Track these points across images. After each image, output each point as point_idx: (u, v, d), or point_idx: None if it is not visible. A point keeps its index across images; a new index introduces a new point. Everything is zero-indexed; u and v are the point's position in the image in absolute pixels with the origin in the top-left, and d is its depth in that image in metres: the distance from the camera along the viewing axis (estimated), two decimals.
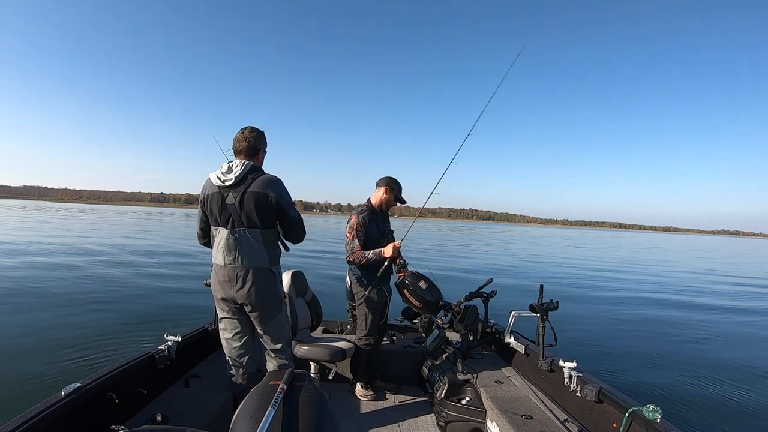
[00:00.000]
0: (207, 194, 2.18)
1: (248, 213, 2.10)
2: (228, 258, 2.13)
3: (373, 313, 3.07)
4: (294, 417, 1.37)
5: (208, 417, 2.05)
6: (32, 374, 4.20)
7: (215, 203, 2.14)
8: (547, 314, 2.61)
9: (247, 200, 2.09)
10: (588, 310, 8.83)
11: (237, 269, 2.13)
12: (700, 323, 8.14)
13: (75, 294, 7.85)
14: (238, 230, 2.12)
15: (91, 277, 9.84)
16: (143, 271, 11.10)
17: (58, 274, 9.94)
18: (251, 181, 2.12)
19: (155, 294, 8.33)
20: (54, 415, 1.56)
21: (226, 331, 2.28)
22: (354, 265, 3.03)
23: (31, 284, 8.50)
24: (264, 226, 2.15)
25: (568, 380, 2.31)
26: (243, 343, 2.28)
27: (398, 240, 3.01)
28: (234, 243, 2.12)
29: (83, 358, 4.68)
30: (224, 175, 2.13)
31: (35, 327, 5.71)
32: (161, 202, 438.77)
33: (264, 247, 2.17)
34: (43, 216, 41.50)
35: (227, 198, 2.12)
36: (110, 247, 16.42)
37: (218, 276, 2.18)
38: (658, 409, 1.75)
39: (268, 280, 2.19)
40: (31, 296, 7.52)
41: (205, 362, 2.79)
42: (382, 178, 3.18)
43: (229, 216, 2.12)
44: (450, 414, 2.58)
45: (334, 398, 3.06)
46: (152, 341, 2.48)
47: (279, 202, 2.15)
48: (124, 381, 1.99)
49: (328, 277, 10.70)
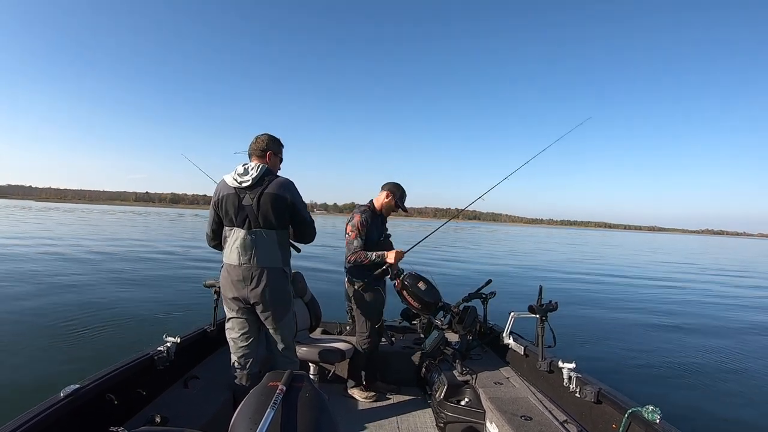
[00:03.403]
0: (222, 195, 2.22)
1: (265, 214, 2.17)
2: (243, 258, 2.18)
3: (373, 315, 3.07)
4: (293, 418, 1.37)
5: (207, 418, 2.04)
6: (30, 375, 4.19)
7: (231, 204, 2.19)
8: (546, 315, 2.61)
9: (264, 201, 2.16)
10: (587, 311, 8.84)
11: (252, 269, 2.18)
12: (700, 323, 8.15)
13: (73, 294, 7.83)
14: (254, 230, 2.18)
15: (89, 277, 9.82)
16: (141, 272, 11.07)
17: (57, 273, 9.92)
18: (268, 183, 2.19)
19: (153, 295, 8.31)
20: (53, 416, 1.56)
21: (233, 331, 2.29)
22: (353, 266, 3.03)
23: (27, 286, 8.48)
24: (279, 227, 2.23)
25: (567, 381, 2.31)
26: (249, 343, 2.30)
27: (402, 249, 3.04)
28: (251, 243, 2.18)
29: (82, 360, 4.67)
30: (240, 177, 2.18)
31: (33, 328, 5.69)
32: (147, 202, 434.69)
33: (279, 248, 2.25)
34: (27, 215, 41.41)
35: (244, 199, 2.17)
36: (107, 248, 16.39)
37: (231, 275, 2.21)
38: (657, 409, 1.75)
39: (281, 280, 2.25)
40: (27, 298, 7.50)
41: (204, 363, 2.79)
42: (387, 183, 3.21)
43: (246, 216, 2.18)
44: (449, 415, 2.58)
45: (333, 399, 3.06)
46: (151, 343, 2.48)
47: (294, 204, 2.23)
48: (123, 382, 1.98)
49: (327, 279, 10.70)
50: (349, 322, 3.73)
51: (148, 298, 7.97)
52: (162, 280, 10.12)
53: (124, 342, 5.31)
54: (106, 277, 10.00)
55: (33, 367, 4.39)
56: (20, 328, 5.68)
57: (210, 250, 2.50)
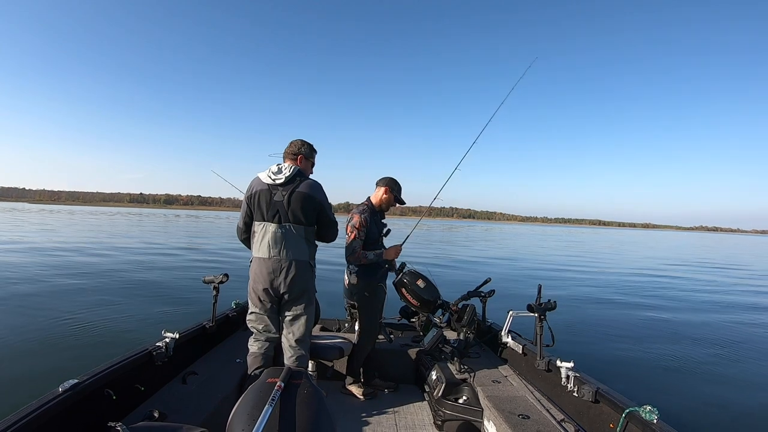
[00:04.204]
0: (255, 191, 2.38)
1: (295, 210, 2.33)
2: (273, 251, 2.32)
3: (373, 312, 3.07)
4: (291, 414, 1.38)
5: (205, 414, 2.05)
6: (29, 371, 4.19)
7: (264, 199, 2.35)
8: (544, 314, 2.61)
9: (295, 199, 2.32)
10: (586, 310, 8.84)
11: (282, 261, 2.32)
12: (699, 323, 8.16)
13: (72, 291, 7.84)
14: (284, 225, 2.33)
15: (87, 274, 9.82)
16: (140, 269, 11.08)
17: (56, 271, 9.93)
18: (299, 182, 2.37)
19: (152, 291, 8.32)
20: (51, 411, 1.56)
21: (257, 323, 2.45)
22: (353, 264, 3.02)
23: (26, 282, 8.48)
24: (307, 223, 2.38)
25: (565, 380, 2.32)
26: (269, 336, 2.45)
27: (399, 243, 3.07)
28: (281, 237, 2.33)
29: (80, 355, 4.68)
30: (275, 175, 2.36)
31: (31, 323, 5.70)
32: (141, 203, 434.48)
33: (306, 243, 2.39)
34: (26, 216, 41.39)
35: (275, 195, 2.34)
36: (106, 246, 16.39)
37: (261, 268, 2.34)
38: (654, 409, 1.76)
39: (307, 272, 2.40)
40: (26, 294, 7.50)
41: (203, 359, 2.79)
42: (382, 178, 3.18)
43: (276, 212, 2.33)
44: (447, 413, 2.58)
45: (331, 396, 3.06)
46: (150, 338, 2.48)
47: (322, 204, 2.41)
48: (122, 377, 1.98)
49: (326, 275, 10.70)
50: (348, 319, 3.74)
51: (147, 294, 7.98)
52: (161, 276, 10.13)
53: (122, 337, 5.31)
54: (106, 274, 10.02)
55: (31, 363, 4.39)
56: (18, 323, 5.69)
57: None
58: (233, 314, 3.41)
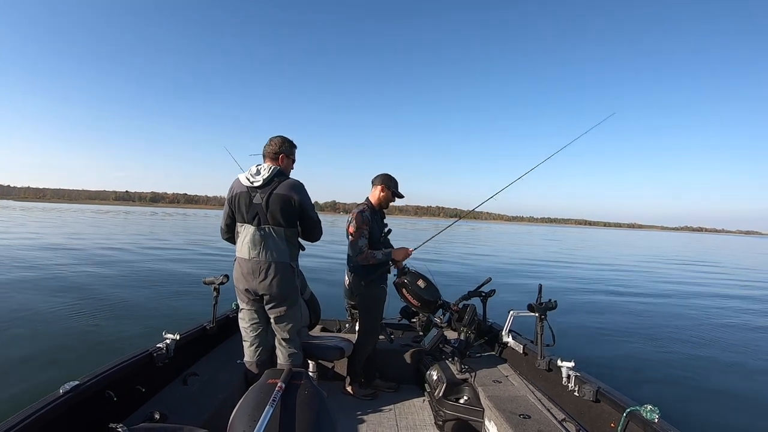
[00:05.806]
0: (235, 193, 2.37)
1: (273, 212, 2.30)
2: (253, 252, 2.31)
3: (373, 312, 3.07)
4: (292, 415, 1.38)
5: (206, 415, 2.05)
6: (30, 372, 4.20)
7: (243, 201, 2.33)
8: (545, 314, 2.61)
9: (273, 201, 2.30)
10: (586, 310, 8.85)
11: (261, 263, 2.31)
12: (699, 322, 8.16)
13: (72, 292, 7.84)
14: (263, 227, 2.32)
15: (87, 274, 9.82)
16: (140, 269, 11.08)
17: (55, 270, 9.92)
18: (277, 183, 2.33)
19: (153, 292, 8.32)
20: (52, 413, 1.56)
21: (244, 321, 2.47)
22: (358, 264, 3.00)
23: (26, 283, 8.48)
24: (287, 225, 2.36)
25: (566, 380, 2.31)
26: (258, 333, 2.47)
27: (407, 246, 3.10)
28: (260, 239, 2.31)
29: (81, 357, 4.68)
30: (253, 177, 2.33)
31: (33, 325, 5.70)
32: (126, 201, 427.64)
33: (286, 244, 2.37)
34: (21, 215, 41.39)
35: (254, 198, 2.32)
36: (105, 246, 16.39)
37: (242, 269, 2.35)
38: (656, 409, 1.76)
39: (287, 274, 2.38)
40: (26, 295, 7.50)
41: (204, 360, 2.79)
42: (377, 176, 3.14)
43: (256, 214, 2.32)
44: (448, 413, 2.58)
45: (332, 397, 3.06)
46: (150, 339, 2.49)
47: (301, 205, 2.36)
48: (123, 379, 1.99)
49: (326, 275, 10.70)
50: (349, 320, 3.73)
51: (148, 295, 7.98)
52: (161, 277, 10.13)
53: (123, 339, 5.32)
54: (105, 274, 10.02)
55: (32, 364, 4.39)
56: (19, 325, 5.69)
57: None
58: (234, 315, 3.41)
